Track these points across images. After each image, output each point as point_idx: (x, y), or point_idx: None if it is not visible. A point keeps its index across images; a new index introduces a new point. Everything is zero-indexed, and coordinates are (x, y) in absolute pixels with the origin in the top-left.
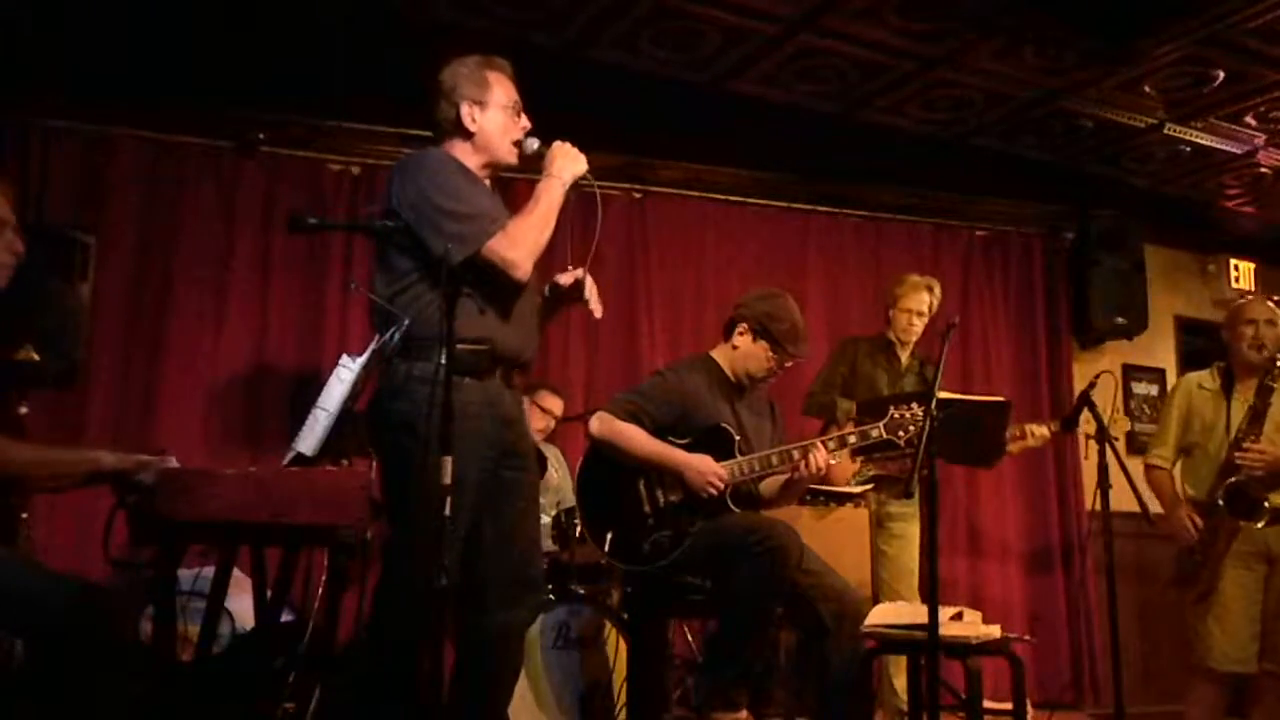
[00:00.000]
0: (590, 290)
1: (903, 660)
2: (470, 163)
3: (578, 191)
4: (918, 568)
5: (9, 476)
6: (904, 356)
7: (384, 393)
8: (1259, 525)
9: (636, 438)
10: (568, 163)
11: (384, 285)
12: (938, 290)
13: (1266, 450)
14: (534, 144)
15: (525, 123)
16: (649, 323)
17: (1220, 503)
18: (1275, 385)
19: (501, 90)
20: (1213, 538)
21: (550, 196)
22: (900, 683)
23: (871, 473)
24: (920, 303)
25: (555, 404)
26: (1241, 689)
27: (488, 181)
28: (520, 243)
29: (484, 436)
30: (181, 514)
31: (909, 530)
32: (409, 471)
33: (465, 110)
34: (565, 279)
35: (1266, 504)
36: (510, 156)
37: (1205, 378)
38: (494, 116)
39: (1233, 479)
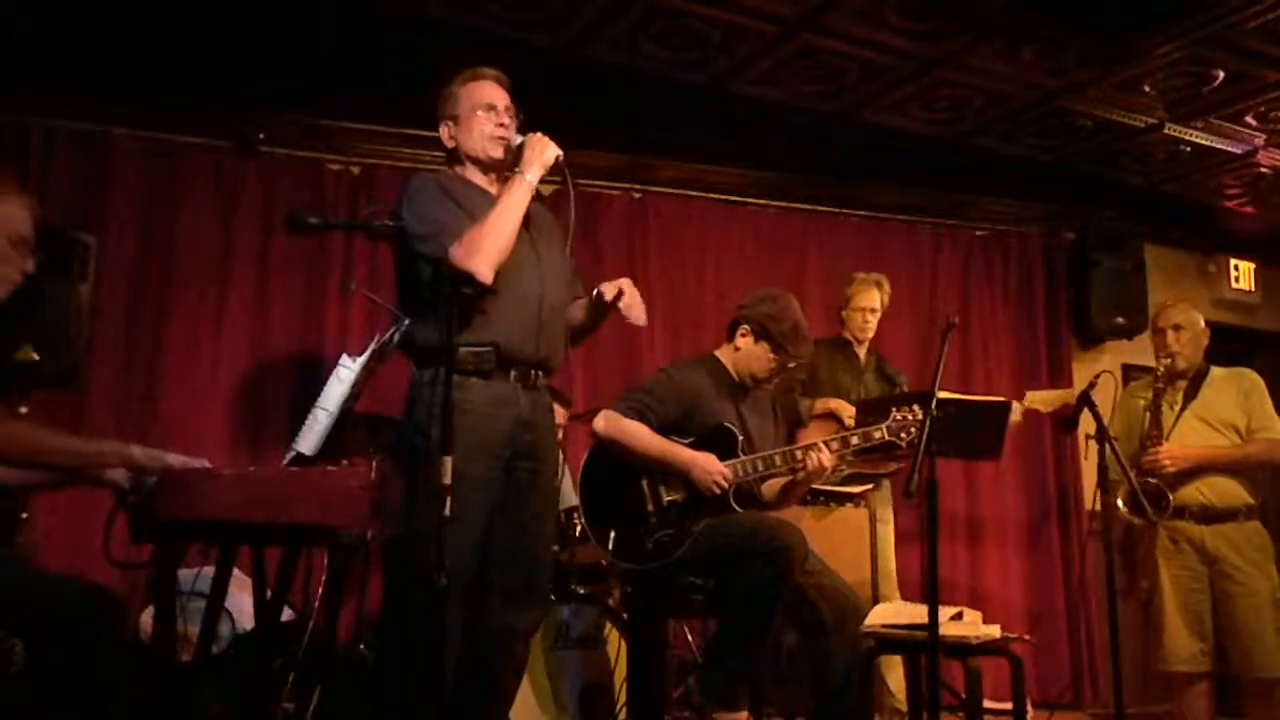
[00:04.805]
0: (629, 301)
1: (896, 660)
2: (469, 173)
3: (577, 190)
4: (894, 568)
5: (34, 463)
6: (862, 354)
7: (407, 399)
8: (1166, 520)
9: (642, 436)
10: (535, 155)
11: (401, 306)
12: (886, 286)
13: (1168, 450)
14: (516, 139)
15: (505, 119)
16: (649, 322)
17: (1121, 506)
18: (1164, 386)
19: (474, 96)
20: (1134, 546)
21: (511, 196)
22: (893, 682)
23: (847, 472)
24: (872, 299)
25: (561, 414)
26: (1236, 689)
27: (494, 187)
28: (474, 250)
29: (492, 436)
30: (181, 514)
31: (884, 531)
32: (415, 471)
33: (443, 131)
34: (609, 290)
35: (1170, 497)
36: (495, 151)
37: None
38: (467, 123)
39: (1139, 483)
